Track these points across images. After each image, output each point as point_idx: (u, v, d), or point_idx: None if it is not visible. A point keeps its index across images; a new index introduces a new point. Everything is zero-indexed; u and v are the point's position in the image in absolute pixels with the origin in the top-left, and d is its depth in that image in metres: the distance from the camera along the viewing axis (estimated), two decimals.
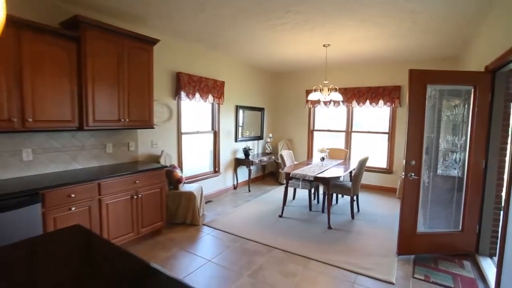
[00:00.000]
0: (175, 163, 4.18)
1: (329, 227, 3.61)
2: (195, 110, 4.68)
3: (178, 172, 3.79)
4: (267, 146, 6.27)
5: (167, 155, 3.92)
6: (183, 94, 4.17)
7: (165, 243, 3.15)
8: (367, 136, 5.81)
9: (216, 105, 4.99)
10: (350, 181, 4.57)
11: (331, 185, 3.86)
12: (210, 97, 4.66)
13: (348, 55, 4.72)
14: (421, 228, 2.81)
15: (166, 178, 3.71)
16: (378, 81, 5.43)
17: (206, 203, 4.57)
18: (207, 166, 5.06)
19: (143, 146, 3.72)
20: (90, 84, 2.71)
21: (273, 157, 6.08)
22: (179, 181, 3.73)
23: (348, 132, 5.92)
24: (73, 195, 2.43)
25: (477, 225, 2.79)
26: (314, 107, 6.25)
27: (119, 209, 2.83)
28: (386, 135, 5.56)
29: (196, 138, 4.77)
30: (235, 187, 5.56)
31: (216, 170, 5.10)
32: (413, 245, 2.81)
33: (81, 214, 2.50)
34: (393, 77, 5.30)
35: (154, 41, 3.28)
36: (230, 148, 5.41)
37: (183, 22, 3.32)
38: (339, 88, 4.37)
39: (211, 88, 4.65)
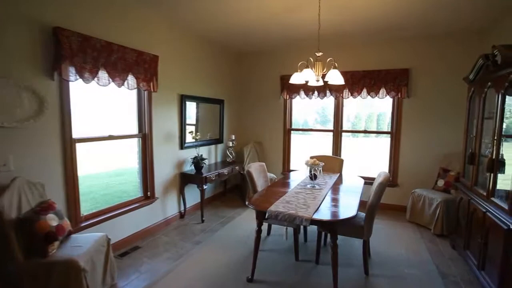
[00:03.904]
0: (59, 196, 2.30)
1: None
2: (104, 100, 2.81)
3: (50, 218, 1.93)
4: (228, 153, 4.56)
5: (29, 186, 2.03)
6: (70, 70, 2.29)
7: None
8: (361, 137, 4.39)
9: (145, 93, 3.16)
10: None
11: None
12: (131, 79, 2.81)
13: (344, 20, 3.18)
14: None
15: (21, 238, 1.84)
16: (379, 63, 3.99)
17: (128, 253, 2.75)
18: (133, 190, 3.22)
19: None
20: None
21: (237, 167, 4.39)
22: (50, 237, 1.88)
23: (337, 132, 4.43)
24: None
25: None
26: (291, 99, 4.67)
27: None
28: (388, 136, 4.18)
29: (109, 147, 2.91)
30: (182, 215, 3.78)
31: (148, 195, 3.27)
32: None
33: None
34: (400, 56, 3.90)
35: None
36: (172, 159, 3.60)
37: None
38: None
39: (132, 64, 2.80)
